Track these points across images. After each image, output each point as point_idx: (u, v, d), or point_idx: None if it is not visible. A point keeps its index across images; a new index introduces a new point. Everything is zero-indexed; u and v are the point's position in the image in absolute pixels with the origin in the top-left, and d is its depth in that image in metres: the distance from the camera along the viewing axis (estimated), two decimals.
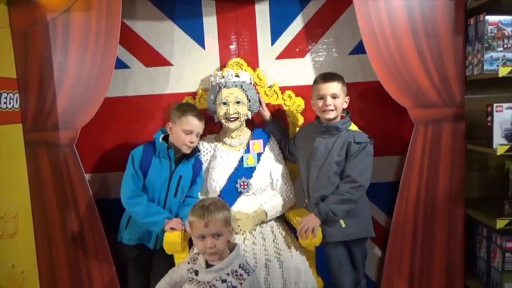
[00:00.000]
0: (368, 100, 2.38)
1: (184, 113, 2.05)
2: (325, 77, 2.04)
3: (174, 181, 2.10)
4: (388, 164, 2.42)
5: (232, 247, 1.66)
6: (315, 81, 2.08)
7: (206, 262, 1.64)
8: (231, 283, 1.56)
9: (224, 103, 2.15)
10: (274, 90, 2.36)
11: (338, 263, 2.04)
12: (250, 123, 2.32)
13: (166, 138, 2.13)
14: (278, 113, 2.37)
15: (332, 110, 2.01)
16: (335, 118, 2.04)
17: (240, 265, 1.61)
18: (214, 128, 2.34)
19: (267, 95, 2.36)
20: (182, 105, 2.17)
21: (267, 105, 2.34)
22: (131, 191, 2.04)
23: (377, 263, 2.46)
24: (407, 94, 2.13)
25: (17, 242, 2.04)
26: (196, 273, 1.64)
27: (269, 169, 2.20)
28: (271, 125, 2.29)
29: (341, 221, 1.99)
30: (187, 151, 2.10)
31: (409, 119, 2.16)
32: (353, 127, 2.09)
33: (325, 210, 1.95)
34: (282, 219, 2.24)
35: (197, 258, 1.68)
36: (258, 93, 2.30)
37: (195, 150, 2.16)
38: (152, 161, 2.08)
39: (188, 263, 1.69)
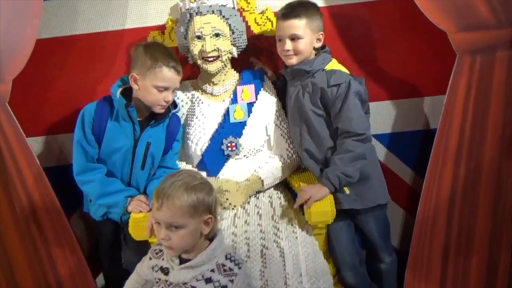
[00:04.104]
0: (394, 24, 1.92)
1: (157, 62, 1.55)
2: (285, 12, 1.64)
3: (141, 149, 1.64)
4: (416, 108, 2.03)
5: (212, 235, 1.29)
6: (277, 17, 1.70)
7: (180, 256, 1.27)
8: (219, 282, 1.22)
9: (198, 37, 1.66)
10: (267, 17, 1.89)
11: (340, 239, 1.75)
12: (237, 63, 1.85)
13: (128, 91, 1.65)
14: (274, 48, 1.88)
15: (293, 55, 1.66)
16: (300, 63, 1.67)
17: (226, 256, 1.27)
18: (190, 72, 1.89)
19: (258, 23, 1.90)
20: (151, 48, 1.62)
21: (259, 36, 1.88)
22: (80, 166, 1.61)
23: (400, 229, 2.11)
24: (450, 12, 1.65)
25: None
26: (165, 271, 1.28)
27: (264, 123, 1.77)
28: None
29: (345, 188, 1.63)
30: (160, 111, 1.64)
31: (449, 48, 1.71)
32: (332, 65, 1.68)
33: (335, 174, 1.56)
34: (284, 186, 1.84)
35: (162, 251, 1.31)
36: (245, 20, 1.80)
37: (169, 108, 1.69)
38: (108, 124, 1.62)
39: (150, 258, 1.32)
